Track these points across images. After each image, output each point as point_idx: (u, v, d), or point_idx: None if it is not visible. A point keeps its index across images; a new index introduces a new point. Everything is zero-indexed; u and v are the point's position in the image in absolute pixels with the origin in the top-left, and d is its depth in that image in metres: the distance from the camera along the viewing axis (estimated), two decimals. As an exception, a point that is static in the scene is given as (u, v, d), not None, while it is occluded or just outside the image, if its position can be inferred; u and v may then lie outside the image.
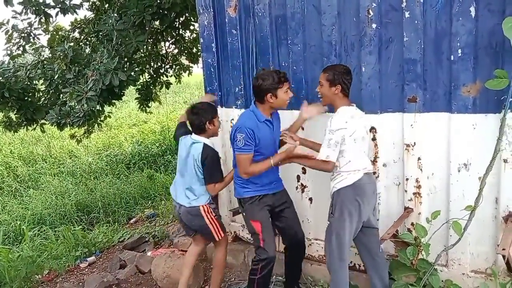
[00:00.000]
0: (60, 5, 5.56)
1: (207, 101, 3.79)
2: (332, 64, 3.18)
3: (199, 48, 6.63)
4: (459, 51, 2.83)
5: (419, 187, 3.16)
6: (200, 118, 3.41)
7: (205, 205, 3.53)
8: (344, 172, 2.97)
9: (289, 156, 3.16)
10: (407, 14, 2.97)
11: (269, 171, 3.23)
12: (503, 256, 2.59)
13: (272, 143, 3.25)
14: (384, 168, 3.32)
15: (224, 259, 3.76)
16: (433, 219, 2.84)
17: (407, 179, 3.20)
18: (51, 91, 6.40)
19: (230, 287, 4.04)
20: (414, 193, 3.19)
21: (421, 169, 3.13)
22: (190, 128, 3.55)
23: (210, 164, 3.43)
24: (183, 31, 7.99)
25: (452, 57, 2.87)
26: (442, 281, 3.02)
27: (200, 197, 3.52)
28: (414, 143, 3.12)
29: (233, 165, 3.37)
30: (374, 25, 3.12)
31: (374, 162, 3.32)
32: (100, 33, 6.46)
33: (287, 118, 3.47)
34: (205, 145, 3.43)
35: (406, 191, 3.22)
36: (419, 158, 3.12)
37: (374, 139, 3.29)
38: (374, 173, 3.23)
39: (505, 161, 2.80)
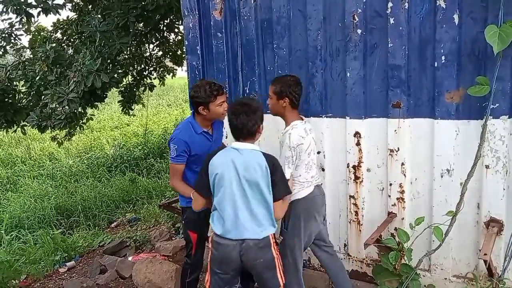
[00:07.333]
0: (42, 5, 5.46)
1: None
2: (281, 75, 3.17)
3: (184, 50, 6.60)
4: (443, 57, 2.86)
5: (402, 192, 3.18)
6: (255, 119, 2.67)
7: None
8: (297, 185, 3.00)
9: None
10: (391, 20, 2.99)
11: None
12: (485, 261, 2.61)
13: None
14: (368, 173, 3.33)
15: None
16: (417, 225, 2.86)
17: (390, 184, 3.22)
18: (32, 93, 6.28)
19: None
20: (397, 198, 3.21)
21: (404, 174, 3.15)
22: (234, 133, 2.70)
23: (280, 175, 2.72)
24: (167, 33, 7.95)
25: (436, 64, 2.90)
26: (425, 286, 3.03)
27: (268, 223, 2.71)
28: (398, 148, 3.14)
29: None
30: (359, 31, 3.14)
31: (358, 167, 3.33)
32: (83, 34, 6.39)
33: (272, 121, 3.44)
34: (263, 153, 2.70)
35: (389, 196, 3.24)
36: (402, 164, 3.14)
37: (358, 144, 3.30)
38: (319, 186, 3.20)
39: (487, 167, 2.84)
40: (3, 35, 6.27)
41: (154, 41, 8.00)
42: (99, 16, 5.75)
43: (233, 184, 2.63)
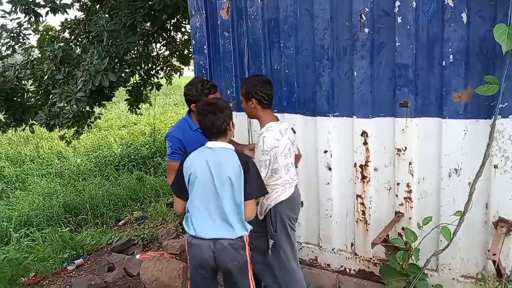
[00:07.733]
0: (50, 4, 5.50)
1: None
2: (248, 76, 3.14)
3: (191, 50, 6.61)
4: (451, 56, 2.84)
5: (410, 191, 3.17)
6: (223, 118, 2.66)
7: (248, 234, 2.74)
8: (279, 187, 3.01)
9: None
10: (399, 19, 2.97)
11: None
12: (493, 262, 2.60)
13: None
14: (375, 173, 3.32)
15: None
16: (424, 225, 2.84)
17: (398, 184, 3.20)
18: (40, 92, 6.34)
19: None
20: (405, 198, 3.20)
21: (412, 174, 3.14)
22: (206, 133, 2.70)
23: (254, 174, 2.69)
24: (174, 32, 7.97)
25: (443, 63, 2.88)
26: (432, 286, 3.02)
27: (242, 223, 2.67)
28: (405, 147, 3.12)
29: None
30: (366, 30, 3.12)
31: (365, 166, 3.32)
32: (91, 34, 6.42)
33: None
34: (237, 152, 2.70)
35: (397, 195, 3.23)
36: (410, 163, 3.13)
37: (365, 143, 3.28)
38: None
39: (495, 166, 2.82)
40: (12, 34, 6.32)
41: (161, 41, 8.03)
42: (107, 15, 5.76)
43: (206, 183, 2.61)
